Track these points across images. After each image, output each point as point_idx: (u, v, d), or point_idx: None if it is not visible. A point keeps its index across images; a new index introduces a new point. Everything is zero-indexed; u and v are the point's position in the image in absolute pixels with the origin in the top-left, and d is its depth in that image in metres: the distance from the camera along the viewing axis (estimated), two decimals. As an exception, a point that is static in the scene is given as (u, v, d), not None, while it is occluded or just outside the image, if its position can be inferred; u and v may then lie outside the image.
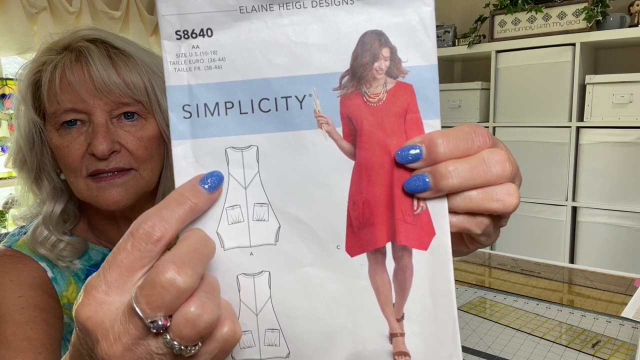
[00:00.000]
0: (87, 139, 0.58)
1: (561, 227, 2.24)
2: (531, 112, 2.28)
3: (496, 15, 2.36)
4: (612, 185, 2.09)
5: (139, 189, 0.62)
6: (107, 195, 0.59)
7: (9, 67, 2.34)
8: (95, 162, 0.58)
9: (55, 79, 0.58)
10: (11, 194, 2.18)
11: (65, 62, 0.58)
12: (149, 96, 0.62)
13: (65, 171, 0.62)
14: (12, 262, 0.63)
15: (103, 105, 0.58)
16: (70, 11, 2.24)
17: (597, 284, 1.24)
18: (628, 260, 2.06)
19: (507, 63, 2.33)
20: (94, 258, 0.70)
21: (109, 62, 0.58)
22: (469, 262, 1.43)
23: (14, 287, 0.60)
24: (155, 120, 0.63)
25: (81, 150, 0.58)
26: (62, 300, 0.66)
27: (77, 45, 0.59)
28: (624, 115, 2.03)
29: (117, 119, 0.60)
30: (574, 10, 2.14)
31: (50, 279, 0.64)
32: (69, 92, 0.57)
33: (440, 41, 2.56)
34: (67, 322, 0.67)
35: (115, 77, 0.58)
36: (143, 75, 0.61)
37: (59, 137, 0.60)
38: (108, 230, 0.68)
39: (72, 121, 0.59)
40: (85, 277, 0.68)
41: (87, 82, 0.57)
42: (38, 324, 0.58)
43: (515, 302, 1.12)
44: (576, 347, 0.90)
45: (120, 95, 0.59)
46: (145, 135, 0.61)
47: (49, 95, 0.59)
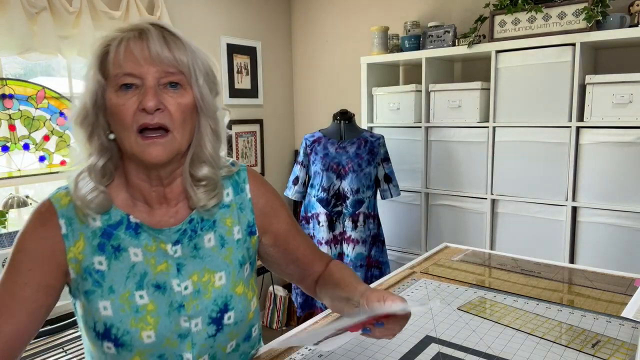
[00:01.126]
0: (139, 99, 0.73)
1: (561, 227, 2.24)
2: (531, 112, 2.28)
3: (496, 15, 2.36)
4: (612, 185, 2.09)
5: (173, 149, 0.76)
6: (150, 151, 0.74)
7: (9, 67, 2.34)
8: (144, 116, 0.73)
9: (120, 50, 0.73)
10: (11, 194, 2.18)
11: (129, 36, 0.74)
12: (190, 71, 0.76)
13: (118, 128, 0.76)
14: (41, 222, 0.78)
15: (154, 72, 0.74)
16: (70, 11, 2.24)
17: (597, 284, 1.23)
18: (628, 260, 2.06)
19: (507, 63, 2.33)
20: (114, 219, 0.80)
21: (163, 41, 0.74)
22: (469, 262, 1.43)
23: (40, 248, 0.77)
24: (192, 92, 0.78)
25: (134, 108, 0.73)
26: (68, 254, 0.77)
27: (141, 26, 0.75)
28: (624, 115, 2.03)
29: (164, 86, 0.75)
30: (574, 10, 2.14)
31: (62, 235, 0.78)
32: (130, 60, 0.73)
33: (440, 41, 2.56)
34: (73, 277, 0.78)
35: (166, 51, 0.74)
36: (187, 55, 0.76)
37: (117, 97, 0.74)
38: (142, 186, 0.81)
39: (129, 85, 0.74)
40: (101, 236, 0.79)
41: (145, 53, 0.73)
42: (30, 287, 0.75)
43: (515, 302, 1.12)
44: (576, 347, 0.90)
45: (168, 65, 0.74)
46: (183, 102, 0.76)
47: (114, 61, 0.73)
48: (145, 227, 0.81)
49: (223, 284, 0.84)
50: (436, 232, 2.68)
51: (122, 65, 0.73)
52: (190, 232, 0.83)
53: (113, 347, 0.77)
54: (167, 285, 0.80)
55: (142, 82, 0.74)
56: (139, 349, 0.77)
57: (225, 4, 3.17)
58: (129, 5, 2.49)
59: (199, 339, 0.81)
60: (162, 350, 0.78)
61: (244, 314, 0.86)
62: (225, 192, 0.88)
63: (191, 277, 0.82)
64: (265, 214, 0.92)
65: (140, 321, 0.77)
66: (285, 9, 3.63)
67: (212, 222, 0.86)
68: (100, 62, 0.75)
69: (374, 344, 0.93)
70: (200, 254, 0.83)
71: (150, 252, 0.81)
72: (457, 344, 0.92)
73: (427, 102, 2.62)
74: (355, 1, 3.27)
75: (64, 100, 2.43)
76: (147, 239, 0.81)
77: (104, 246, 0.79)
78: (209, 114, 0.81)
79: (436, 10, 2.90)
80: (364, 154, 2.38)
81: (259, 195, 0.92)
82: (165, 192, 0.82)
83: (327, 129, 2.49)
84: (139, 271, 0.79)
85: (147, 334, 0.77)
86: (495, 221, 2.46)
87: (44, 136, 2.36)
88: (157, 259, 0.81)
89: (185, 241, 0.83)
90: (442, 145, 2.60)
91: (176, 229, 0.82)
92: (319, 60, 3.53)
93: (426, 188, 2.68)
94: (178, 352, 0.79)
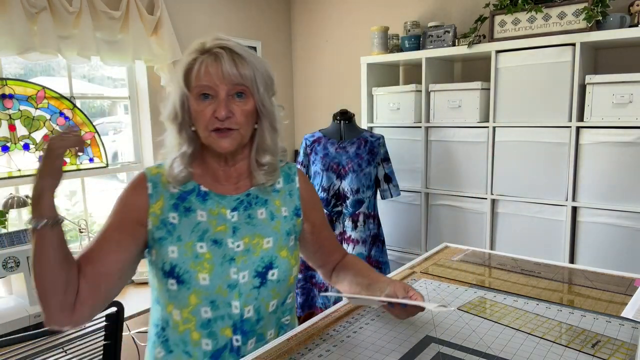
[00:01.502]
0: (214, 108, 0.96)
1: (561, 227, 2.24)
2: (531, 112, 2.28)
3: (496, 15, 2.36)
4: (612, 185, 2.09)
5: (238, 141, 1.00)
6: (221, 143, 0.98)
7: (9, 67, 2.34)
8: (217, 122, 0.96)
9: (201, 69, 0.96)
10: (11, 194, 2.18)
11: (208, 60, 0.96)
12: (252, 83, 0.98)
13: (198, 126, 0.99)
14: (135, 184, 1.03)
15: (225, 88, 0.96)
16: (70, 11, 2.24)
17: (597, 284, 1.23)
18: (628, 260, 2.06)
19: (507, 63, 2.33)
20: (188, 187, 1.03)
21: (232, 62, 0.96)
22: (469, 262, 1.43)
23: (129, 205, 1.01)
24: (254, 101, 0.99)
25: (209, 114, 0.96)
26: (150, 209, 1.00)
27: (215, 50, 0.96)
28: (624, 115, 2.03)
29: (232, 97, 0.97)
30: (574, 10, 2.14)
31: (148, 195, 1.01)
32: (208, 77, 0.95)
33: (440, 41, 2.56)
34: (150, 228, 1.00)
35: (234, 70, 0.95)
36: (250, 71, 0.97)
37: (197, 104, 0.98)
38: (214, 166, 1.05)
39: (206, 95, 0.97)
40: (177, 199, 1.01)
41: (219, 72, 0.95)
42: (118, 233, 0.99)
43: (515, 302, 1.12)
44: (576, 347, 0.90)
45: (236, 81, 0.96)
46: (247, 108, 0.99)
47: (196, 76, 0.96)
48: (211, 195, 1.03)
49: (270, 246, 1.02)
50: (436, 232, 2.68)
51: (202, 80, 0.96)
52: (246, 203, 1.05)
53: (175, 284, 0.96)
54: (223, 242, 1.00)
55: (216, 94, 0.96)
56: (195, 288, 0.95)
57: (225, 4, 3.17)
58: (129, 5, 2.49)
59: (245, 290, 0.98)
60: (214, 296, 0.96)
61: (286, 274, 1.03)
62: (277, 180, 1.10)
63: (243, 239, 1.01)
64: (308, 205, 1.13)
65: (198, 265, 0.96)
66: (285, 9, 3.63)
67: (264, 200, 1.07)
68: (185, 76, 0.98)
69: (374, 344, 0.93)
70: (253, 222, 1.03)
71: (212, 215, 1.01)
72: (457, 344, 0.92)
73: (427, 102, 2.62)
74: (355, 1, 3.27)
75: (64, 100, 2.43)
76: (211, 204, 1.02)
77: (177, 206, 1.01)
78: (267, 114, 1.03)
79: (436, 10, 2.89)
80: (364, 154, 2.38)
81: (305, 189, 1.14)
82: (231, 171, 1.05)
83: (327, 129, 2.49)
84: (202, 228, 1.00)
85: (203, 276, 0.96)
86: (495, 221, 2.47)
87: (44, 136, 2.36)
88: (217, 221, 1.01)
89: (241, 210, 1.04)
90: (442, 145, 2.60)
91: (235, 197, 1.04)
92: (319, 60, 3.53)
93: (426, 188, 2.68)
94: (227, 300, 0.97)
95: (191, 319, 0.97)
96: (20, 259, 1.83)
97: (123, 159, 2.87)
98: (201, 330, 0.97)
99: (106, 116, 2.85)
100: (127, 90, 2.83)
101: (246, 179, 1.07)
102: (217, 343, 0.97)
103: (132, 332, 2.60)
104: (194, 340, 0.97)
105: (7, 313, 1.80)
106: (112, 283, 0.97)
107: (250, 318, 0.99)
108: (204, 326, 0.97)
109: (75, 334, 1.55)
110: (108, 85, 2.81)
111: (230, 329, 0.97)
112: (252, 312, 0.99)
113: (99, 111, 2.80)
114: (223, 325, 0.97)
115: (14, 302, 1.89)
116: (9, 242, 1.87)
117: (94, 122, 2.57)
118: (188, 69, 0.98)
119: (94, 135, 2.56)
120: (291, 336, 0.99)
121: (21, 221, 2.39)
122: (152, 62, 2.66)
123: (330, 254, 1.19)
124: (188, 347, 0.97)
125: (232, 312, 0.97)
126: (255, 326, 1.00)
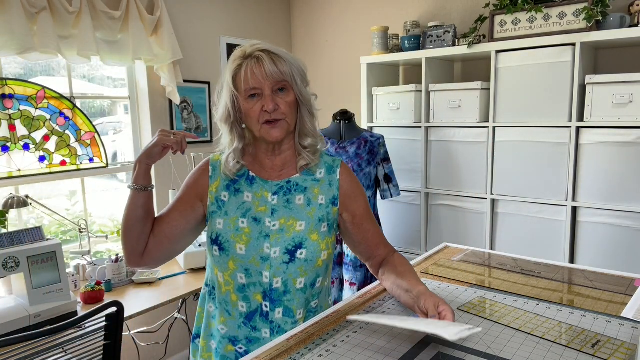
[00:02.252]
0: (262, 103, 1.10)
1: (561, 227, 2.24)
2: (531, 112, 2.28)
3: (496, 15, 2.36)
4: (612, 185, 2.09)
5: (286, 130, 1.14)
6: (272, 132, 1.12)
7: (9, 67, 2.34)
8: (266, 114, 1.11)
9: (248, 72, 1.10)
10: (11, 194, 2.17)
11: (251, 64, 1.10)
12: (290, 78, 1.12)
13: (249, 122, 1.14)
14: (201, 168, 1.22)
15: (269, 85, 1.10)
16: (70, 11, 2.24)
17: (597, 284, 1.23)
18: (628, 260, 2.06)
19: (507, 63, 2.33)
20: (240, 172, 1.20)
21: (272, 62, 1.10)
22: (469, 262, 1.43)
23: (193, 183, 1.21)
24: (294, 93, 1.14)
25: (259, 110, 1.11)
26: (210, 188, 1.19)
27: (256, 54, 1.11)
28: (624, 115, 2.03)
29: (275, 92, 1.11)
30: (574, 10, 2.14)
31: (209, 176, 1.20)
32: (253, 79, 1.10)
33: (440, 41, 2.56)
34: (208, 203, 1.18)
35: (275, 68, 1.09)
36: (287, 67, 1.11)
37: (247, 103, 1.12)
38: (263, 157, 1.20)
39: (254, 95, 1.11)
40: (230, 181, 1.19)
41: (262, 72, 1.09)
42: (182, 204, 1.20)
43: (515, 302, 1.12)
44: (576, 347, 0.90)
45: (277, 78, 1.10)
46: (289, 100, 1.13)
47: (244, 79, 1.10)
48: (258, 179, 1.18)
49: (302, 229, 1.14)
50: (436, 232, 2.68)
51: (249, 82, 1.10)
52: (286, 189, 1.18)
53: (218, 250, 1.14)
54: (261, 220, 1.14)
55: (262, 92, 1.10)
56: (233, 255, 1.12)
57: (225, 4, 3.17)
58: (129, 5, 2.49)
59: (275, 263, 1.12)
60: (248, 265, 1.12)
61: (314, 255, 1.14)
62: (319, 171, 1.21)
63: (280, 220, 1.14)
64: (348, 196, 1.21)
65: (237, 237, 1.13)
66: (285, 9, 3.63)
67: (304, 188, 1.19)
68: (233, 79, 1.12)
69: (374, 344, 0.93)
70: (290, 206, 1.16)
71: (256, 197, 1.17)
72: (457, 344, 0.92)
73: (427, 102, 2.62)
74: (355, 1, 3.27)
75: (64, 100, 2.43)
76: (257, 188, 1.18)
77: (229, 187, 1.19)
78: (306, 102, 1.17)
79: (436, 10, 2.89)
80: (364, 154, 2.38)
81: (345, 180, 1.22)
82: (277, 161, 1.19)
83: (327, 129, 2.49)
84: (246, 207, 1.16)
85: (240, 246, 1.12)
86: (495, 221, 2.47)
87: (44, 136, 2.36)
88: (259, 203, 1.16)
89: (281, 194, 1.17)
90: (442, 145, 2.60)
91: (276, 183, 1.18)
92: (319, 60, 3.53)
93: (426, 188, 2.68)
94: (259, 270, 1.12)
95: (230, 282, 1.14)
96: (20, 259, 1.83)
97: (123, 159, 2.87)
98: (238, 293, 1.14)
99: (106, 116, 2.85)
100: (127, 90, 2.83)
101: (290, 167, 1.20)
102: (250, 306, 1.13)
103: (132, 332, 2.60)
104: (233, 301, 1.14)
105: (7, 313, 1.80)
106: (173, 243, 1.19)
107: (278, 289, 1.13)
108: (240, 290, 1.13)
109: (75, 334, 1.55)
110: (108, 85, 2.81)
111: (261, 295, 1.13)
112: (280, 284, 1.13)
113: (99, 111, 2.80)
114: (255, 290, 1.13)
115: (14, 302, 1.89)
116: (9, 242, 1.87)
117: (94, 122, 2.57)
118: (235, 74, 1.12)
119: (94, 135, 2.57)
120: (291, 336, 0.99)
121: (21, 221, 2.39)
122: (152, 62, 2.66)
123: (375, 248, 1.24)
124: (228, 306, 1.15)
125: (263, 281, 1.12)
126: (282, 297, 1.13)
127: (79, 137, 2.50)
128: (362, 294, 1.21)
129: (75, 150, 2.49)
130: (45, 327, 1.49)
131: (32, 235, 1.93)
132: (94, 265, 2.38)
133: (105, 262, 2.38)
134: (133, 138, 2.85)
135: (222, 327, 1.16)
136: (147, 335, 2.75)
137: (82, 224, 2.43)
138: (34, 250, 1.86)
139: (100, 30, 2.41)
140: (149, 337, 2.78)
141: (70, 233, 2.65)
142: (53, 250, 1.91)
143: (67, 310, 1.93)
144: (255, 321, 1.14)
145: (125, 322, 1.97)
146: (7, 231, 1.94)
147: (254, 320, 1.14)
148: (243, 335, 1.15)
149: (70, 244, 2.61)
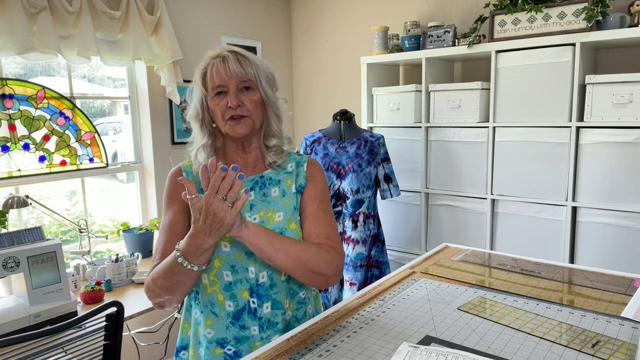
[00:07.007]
0: (226, 100, 1.14)
1: (561, 227, 2.24)
2: (531, 112, 2.28)
3: (496, 15, 2.36)
4: (612, 185, 2.09)
5: (250, 127, 1.17)
6: (236, 128, 1.15)
7: (9, 67, 2.34)
8: (230, 110, 1.14)
9: (213, 71, 1.15)
10: (11, 194, 2.17)
11: (217, 62, 1.15)
12: (255, 78, 1.16)
13: (216, 119, 1.18)
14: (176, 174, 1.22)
15: (234, 83, 1.14)
16: (70, 11, 2.24)
17: (597, 284, 1.23)
18: (628, 260, 2.06)
19: (507, 63, 2.33)
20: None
21: (237, 62, 1.14)
22: (469, 262, 1.43)
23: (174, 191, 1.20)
24: (259, 92, 1.17)
25: (224, 106, 1.15)
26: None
27: (223, 54, 1.16)
28: (624, 115, 2.03)
29: (241, 90, 1.16)
30: (574, 10, 2.14)
31: None
32: (218, 76, 1.14)
33: (440, 41, 2.56)
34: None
35: (240, 68, 1.14)
36: (252, 68, 1.15)
37: (213, 101, 1.16)
38: (235, 155, 1.23)
39: (220, 92, 1.15)
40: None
41: (227, 71, 1.13)
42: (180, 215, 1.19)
43: (515, 302, 1.12)
44: (576, 347, 0.90)
45: (242, 77, 1.14)
46: (254, 98, 1.16)
47: (210, 78, 1.15)
48: None
49: (281, 220, 1.17)
50: (436, 232, 2.68)
51: (215, 80, 1.14)
52: (261, 184, 1.21)
53: None
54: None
55: (227, 90, 1.15)
56: (218, 253, 1.13)
57: (225, 4, 3.17)
58: (129, 5, 2.49)
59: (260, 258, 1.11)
60: (234, 262, 1.13)
61: None
62: (290, 165, 1.25)
63: (258, 213, 1.17)
64: (309, 181, 1.24)
65: None
66: (285, 9, 3.63)
67: (277, 181, 1.22)
68: (202, 79, 1.17)
69: (374, 344, 0.93)
70: (267, 199, 1.19)
71: None
72: (457, 344, 0.92)
73: (427, 102, 2.62)
74: (355, 1, 3.27)
75: (64, 100, 2.43)
76: None
77: None
78: (271, 103, 1.20)
79: (436, 10, 2.89)
80: (364, 154, 2.38)
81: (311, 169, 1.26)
82: (248, 158, 1.23)
83: (327, 129, 2.49)
84: None
85: (224, 243, 1.13)
86: (495, 221, 2.47)
87: (44, 136, 2.36)
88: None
89: (257, 189, 1.20)
90: (442, 145, 2.60)
91: (251, 178, 1.21)
92: (319, 60, 3.53)
93: (426, 188, 2.68)
94: (245, 266, 1.13)
95: (216, 281, 1.14)
96: (20, 259, 1.83)
97: (123, 159, 2.87)
98: (224, 292, 1.14)
99: (106, 116, 2.85)
100: (127, 90, 2.83)
101: (261, 164, 1.24)
102: (237, 304, 1.14)
103: (132, 332, 2.60)
104: (219, 302, 1.14)
105: (7, 313, 1.80)
106: None
107: (264, 283, 1.14)
108: (227, 288, 1.14)
109: (75, 334, 1.55)
110: (108, 85, 2.81)
111: (248, 292, 1.14)
112: (266, 278, 1.14)
113: (99, 111, 2.80)
114: (242, 287, 1.14)
115: (14, 302, 1.89)
116: (9, 242, 1.87)
117: (94, 122, 2.57)
118: (203, 73, 1.17)
119: (94, 135, 2.57)
120: (291, 336, 0.99)
121: (21, 221, 2.39)
122: (152, 62, 2.66)
123: (307, 237, 1.18)
124: (215, 308, 1.15)
125: (249, 277, 1.14)
126: (269, 291, 1.15)
127: (79, 137, 2.51)
128: (362, 294, 1.22)
129: (75, 150, 2.49)
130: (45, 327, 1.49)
131: (32, 235, 1.93)
132: (94, 265, 2.38)
133: (105, 262, 2.38)
134: (133, 138, 2.85)
135: (209, 330, 1.16)
136: (147, 335, 2.75)
137: (82, 224, 2.43)
138: (34, 250, 1.86)
139: (100, 30, 2.41)
140: (149, 337, 2.78)
141: (70, 233, 2.65)
142: (53, 250, 1.91)
143: (67, 310, 1.93)
144: (244, 319, 1.14)
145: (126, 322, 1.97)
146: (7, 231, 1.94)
147: (241, 318, 1.14)
148: (232, 336, 1.15)
149: (70, 244, 2.61)
